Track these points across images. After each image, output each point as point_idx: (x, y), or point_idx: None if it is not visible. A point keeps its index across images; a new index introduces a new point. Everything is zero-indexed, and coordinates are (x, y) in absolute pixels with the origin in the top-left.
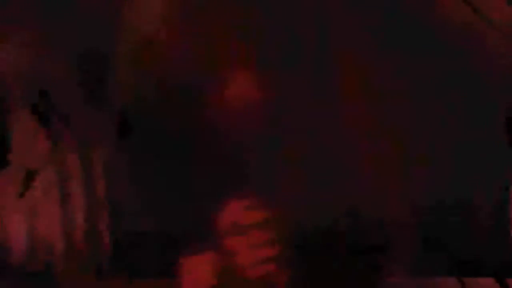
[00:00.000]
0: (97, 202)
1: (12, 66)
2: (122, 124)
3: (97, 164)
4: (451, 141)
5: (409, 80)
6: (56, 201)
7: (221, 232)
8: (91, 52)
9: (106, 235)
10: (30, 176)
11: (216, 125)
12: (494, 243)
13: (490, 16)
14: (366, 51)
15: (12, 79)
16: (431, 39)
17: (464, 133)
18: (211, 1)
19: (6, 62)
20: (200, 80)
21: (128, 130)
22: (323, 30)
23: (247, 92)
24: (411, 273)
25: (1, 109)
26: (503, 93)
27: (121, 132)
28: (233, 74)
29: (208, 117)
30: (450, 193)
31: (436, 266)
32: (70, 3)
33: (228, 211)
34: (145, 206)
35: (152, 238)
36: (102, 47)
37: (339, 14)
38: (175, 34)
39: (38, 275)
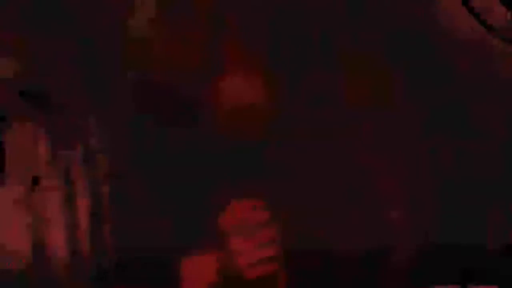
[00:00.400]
0: (101, 207)
1: (12, 70)
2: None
3: (100, 168)
4: (455, 148)
5: (414, 88)
6: (59, 207)
7: (222, 233)
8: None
9: (109, 241)
10: (35, 181)
11: (216, 127)
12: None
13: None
14: (372, 57)
15: (12, 82)
16: (435, 54)
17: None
18: (213, 3)
19: (5, 66)
20: (201, 80)
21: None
22: (328, 35)
23: (249, 95)
24: (412, 282)
25: None
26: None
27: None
28: (236, 76)
29: (208, 118)
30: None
31: (439, 274)
32: (70, 4)
33: (229, 211)
34: (147, 207)
35: (153, 240)
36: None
37: (344, 19)
38: (174, 36)
39: (40, 281)
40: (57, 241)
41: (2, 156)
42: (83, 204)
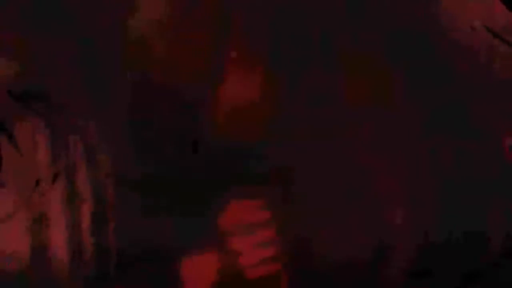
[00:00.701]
0: (102, 207)
1: (12, 70)
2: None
3: (101, 168)
4: (455, 148)
5: (415, 88)
6: (59, 207)
7: (223, 232)
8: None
9: (110, 241)
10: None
11: (216, 127)
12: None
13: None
14: (372, 57)
15: (12, 82)
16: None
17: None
18: (212, 4)
19: (5, 66)
20: (200, 80)
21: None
22: (328, 35)
23: (249, 95)
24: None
25: None
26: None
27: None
28: (236, 76)
29: (208, 118)
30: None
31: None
32: (70, 4)
33: (229, 211)
34: (147, 207)
35: (153, 241)
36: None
37: (344, 19)
38: (174, 37)
39: (40, 281)
40: (58, 241)
41: None
42: (84, 204)
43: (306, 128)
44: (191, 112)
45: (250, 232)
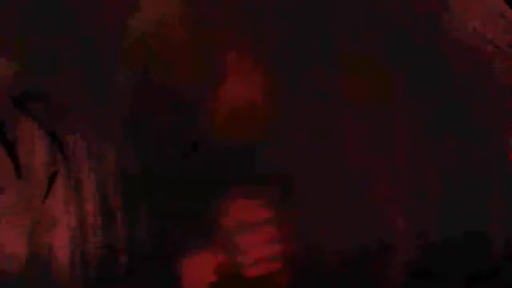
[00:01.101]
0: (103, 207)
1: (12, 70)
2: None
3: (101, 168)
4: (455, 148)
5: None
6: (61, 207)
7: (223, 232)
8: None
9: (112, 242)
10: (52, 178)
11: (216, 127)
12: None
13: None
14: (372, 57)
15: (12, 83)
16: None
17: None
18: (211, 4)
19: (5, 66)
20: (201, 80)
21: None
22: (328, 35)
23: (249, 95)
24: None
25: None
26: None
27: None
28: (236, 76)
29: (208, 118)
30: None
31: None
32: (70, 4)
33: (229, 210)
34: (147, 207)
35: (153, 240)
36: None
37: (345, 19)
38: (174, 37)
39: (41, 282)
40: (59, 242)
41: None
42: (84, 204)
43: (306, 128)
44: (191, 112)
45: (250, 232)
